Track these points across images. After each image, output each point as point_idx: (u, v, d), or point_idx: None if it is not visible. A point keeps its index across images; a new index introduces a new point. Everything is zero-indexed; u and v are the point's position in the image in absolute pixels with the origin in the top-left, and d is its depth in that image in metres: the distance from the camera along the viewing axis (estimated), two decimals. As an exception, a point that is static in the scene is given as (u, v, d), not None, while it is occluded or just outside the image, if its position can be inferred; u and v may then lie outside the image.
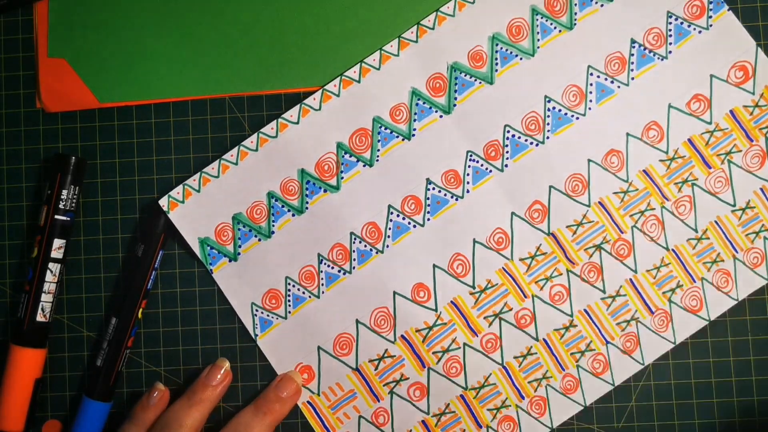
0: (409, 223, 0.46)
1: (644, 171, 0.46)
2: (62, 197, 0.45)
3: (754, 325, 0.46)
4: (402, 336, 0.46)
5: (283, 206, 0.46)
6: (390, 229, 0.46)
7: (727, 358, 0.46)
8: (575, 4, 0.46)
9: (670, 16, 0.46)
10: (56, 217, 0.45)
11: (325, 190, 0.46)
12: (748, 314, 0.46)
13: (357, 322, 0.47)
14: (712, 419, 0.46)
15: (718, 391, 0.46)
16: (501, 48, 0.46)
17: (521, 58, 0.46)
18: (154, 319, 0.48)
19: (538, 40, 0.46)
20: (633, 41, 0.46)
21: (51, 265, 0.45)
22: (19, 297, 0.48)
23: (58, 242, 0.45)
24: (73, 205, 0.46)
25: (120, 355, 0.46)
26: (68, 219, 0.45)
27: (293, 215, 0.46)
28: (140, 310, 0.46)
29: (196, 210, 0.46)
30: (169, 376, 0.48)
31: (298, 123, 0.46)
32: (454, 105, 0.46)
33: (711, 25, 0.46)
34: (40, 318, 0.45)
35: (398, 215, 0.46)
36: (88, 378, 0.47)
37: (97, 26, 0.47)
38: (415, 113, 0.46)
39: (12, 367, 0.45)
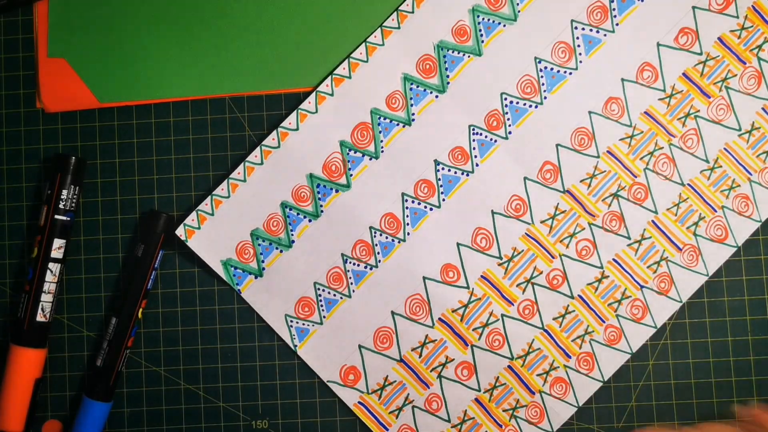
0: (426, 207, 0.46)
1: (646, 113, 0.46)
2: (62, 197, 0.45)
3: (754, 325, 0.47)
4: (440, 319, 0.46)
5: (298, 214, 0.46)
6: (408, 216, 0.46)
7: (727, 358, 0.46)
8: (547, -38, 0.46)
9: (642, -43, 0.46)
10: (56, 217, 0.45)
11: (336, 191, 0.46)
12: (748, 314, 0.47)
13: (393, 313, 0.46)
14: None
15: (718, 391, 0.46)
16: (483, 18, 0.46)
17: (504, 25, 0.46)
18: (154, 319, 0.47)
19: (518, 4, 0.46)
20: (611, -12, 0.46)
21: (51, 265, 0.45)
22: (19, 297, 0.48)
23: (58, 242, 0.45)
24: (73, 205, 0.46)
25: (120, 355, 0.46)
26: (68, 219, 0.45)
27: (310, 221, 0.46)
28: (140, 310, 0.46)
29: (213, 233, 0.46)
30: (169, 376, 0.47)
31: (297, 129, 0.46)
32: (448, 83, 0.46)
33: (684, -42, 0.46)
34: (40, 318, 0.45)
35: (413, 201, 0.46)
36: (88, 378, 0.47)
37: (97, 26, 0.47)
38: (411, 98, 0.46)
39: (12, 367, 0.45)
